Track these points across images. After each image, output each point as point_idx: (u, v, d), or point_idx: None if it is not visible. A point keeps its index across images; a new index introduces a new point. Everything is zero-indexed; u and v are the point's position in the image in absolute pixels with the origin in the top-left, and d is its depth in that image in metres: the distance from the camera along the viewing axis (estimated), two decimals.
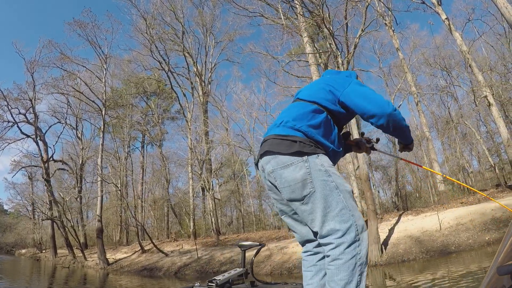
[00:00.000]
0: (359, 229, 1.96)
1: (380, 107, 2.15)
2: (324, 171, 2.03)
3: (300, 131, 2.12)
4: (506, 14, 16.34)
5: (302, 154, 2.05)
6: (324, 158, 2.10)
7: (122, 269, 23.92)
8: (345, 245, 1.92)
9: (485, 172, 29.72)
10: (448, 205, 18.20)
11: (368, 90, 2.24)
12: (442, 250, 13.09)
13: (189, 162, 27.12)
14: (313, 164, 2.03)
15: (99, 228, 26.81)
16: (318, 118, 2.19)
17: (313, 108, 2.23)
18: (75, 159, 36.00)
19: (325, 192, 2.00)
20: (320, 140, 2.14)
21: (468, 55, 19.54)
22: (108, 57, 29.76)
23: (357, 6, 23.21)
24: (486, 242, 12.74)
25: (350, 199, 2.04)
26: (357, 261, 1.92)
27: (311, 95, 2.32)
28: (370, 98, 2.18)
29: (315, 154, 2.07)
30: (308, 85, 2.55)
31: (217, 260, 19.38)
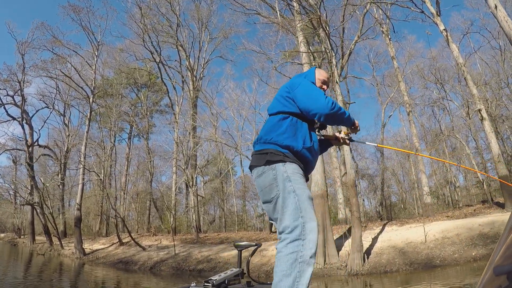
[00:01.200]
0: (305, 230, 2.17)
1: (320, 107, 2.46)
2: (286, 177, 2.33)
3: (271, 143, 2.46)
4: (505, 28, 15.87)
5: (271, 163, 2.40)
6: (290, 166, 2.39)
7: (97, 260, 23.04)
8: (288, 241, 2.16)
9: (471, 188, 29.23)
10: (433, 217, 17.55)
11: (311, 91, 2.54)
12: (427, 263, 12.38)
13: (174, 156, 26.19)
14: (279, 171, 2.35)
15: (78, 217, 25.79)
16: (284, 125, 2.52)
17: (278, 118, 2.56)
18: (60, 146, 34.82)
19: (284, 195, 2.29)
20: (289, 144, 2.44)
21: (464, 68, 19.03)
22: (101, 44, 28.81)
23: (355, 13, 22.81)
24: (472, 257, 12.08)
25: (305, 202, 2.27)
26: (297, 257, 2.10)
27: (274, 107, 2.68)
28: (312, 99, 2.50)
29: (282, 162, 2.38)
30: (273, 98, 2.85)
31: (194, 258, 18.59)
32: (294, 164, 2.41)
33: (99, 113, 34.06)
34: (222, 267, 16.44)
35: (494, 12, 15.85)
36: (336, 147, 4.00)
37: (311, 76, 2.85)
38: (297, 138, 2.48)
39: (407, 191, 33.30)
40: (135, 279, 16.90)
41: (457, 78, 27.23)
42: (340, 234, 16.37)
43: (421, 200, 23.97)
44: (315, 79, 2.86)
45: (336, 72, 16.10)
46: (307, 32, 21.72)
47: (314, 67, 3.18)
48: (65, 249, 27.17)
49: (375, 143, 3.42)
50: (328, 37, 16.61)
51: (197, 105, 29.25)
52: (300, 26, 17.85)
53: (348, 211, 22.25)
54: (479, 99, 17.95)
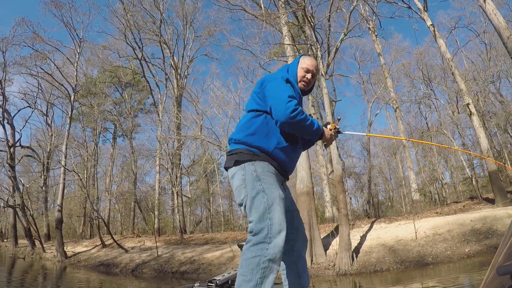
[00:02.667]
0: (271, 233, 2.00)
1: (277, 113, 2.23)
2: (255, 176, 2.18)
3: (241, 143, 2.32)
4: (494, 21, 15.30)
5: (240, 163, 2.26)
6: (260, 164, 2.24)
7: (79, 263, 22.00)
8: (251, 243, 2.01)
9: (458, 185, 28.69)
10: (422, 214, 16.76)
11: (274, 92, 2.31)
12: (418, 261, 11.54)
13: (157, 155, 25.11)
14: (247, 170, 2.21)
15: (59, 219, 24.57)
16: (255, 123, 2.34)
17: (250, 116, 2.39)
18: (43, 147, 33.37)
19: (252, 194, 2.13)
20: (259, 145, 2.28)
21: (452, 62, 18.41)
22: (83, 41, 27.56)
23: (342, 10, 22.13)
24: (466, 254, 11.29)
25: (275, 203, 2.10)
26: (260, 262, 1.94)
27: (248, 105, 2.49)
28: (274, 101, 2.28)
29: (251, 161, 2.24)
30: None
31: (177, 259, 17.63)
32: (265, 162, 2.26)
33: (82, 113, 32.81)
34: (206, 269, 15.63)
35: (483, 5, 15.27)
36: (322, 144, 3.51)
37: (293, 67, 2.64)
38: (269, 138, 2.30)
39: (394, 189, 32.73)
40: (113, 284, 15.92)
41: (443, 77, 26.79)
42: (327, 233, 15.50)
43: (409, 197, 23.33)
44: (297, 70, 2.63)
45: (321, 65, 15.29)
46: (292, 29, 21.09)
47: (299, 55, 2.75)
48: (46, 252, 25.94)
49: (364, 133, 2.98)
50: (313, 29, 15.84)
51: (181, 104, 28.15)
52: (284, 19, 17.04)
53: (335, 209, 21.47)
54: (467, 94, 17.29)
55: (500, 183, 16.21)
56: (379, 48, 22.87)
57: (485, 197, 18.11)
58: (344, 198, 13.59)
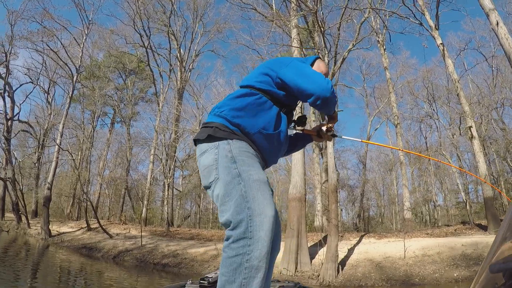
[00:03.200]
0: (253, 225, 1.66)
1: (320, 88, 1.96)
2: (230, 157, 1.83)
3: (221, 117, 1.96)
4: (506, 46, 14.84)
5: (213, 139, 1.90)
6: (237, 144, 1.89)
7: (62, 243, 21.68)
8: (232, 240, 1.68)
9: (451, 209, 28.31)
10: (412, 234, 16.32)
11: (307, 70, 2.05)
12: (405, 280, 11.12)
13: (153, 144, 24.66)
14: (222, 150, 1.86)
15: (47, 196, 24.12)
16: (245, 101, 2.00)
17: (243, 92, 2.05)
18: (41, 124, 32.90)
19: (226, 179, 1.78)
20: (240, 123, 1.93)
21: (458, 84, 18.02)
22: (92, 23, 27.03)
23: (352, 22, 21.82)
24: (454, 278, 10.89)
25: (253, 189, 1.75)
26: (243, 261, 1.64)
27: (246, 79, 2.16)
28: (309, 77, 2.00)
29: (226, 139, 1.88)
30: None
31: (161, 251, 17.20)
32: (243, 142, 1.92)
33: (83, 95, 32.31)
34: (188, 264, 15.24)
35: (495, 29, 14.84)
36: (319, 154, 3.10)
37: (309, 62, 2.34)
38: (256, 119, 1.98)
39: (386, 205, 32.33)
40: (93, 267, 15.59)
41: (447, 98, 26.45)
42: (315, 242, 15.08)
43: (400, 215, 22.94)
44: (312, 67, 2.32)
45: (329, 72, 14.89)
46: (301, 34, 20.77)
47: (317, 55, 2.47)
48: (31, 228, 25.53)
49: (359, 139, 2.89)
50: (323, 35, 15.44)
51: (182, 97, 27.73)
52: (294, 22, 16.66)
53: (325, 219, 21.04)
54: (470, 117, 16.91)
55: (494, 210, 15.82)
56: (386, 62, 22.52)
57: (478, 223, 17.69)
58: (336, 209, 13.19)
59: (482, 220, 18.26)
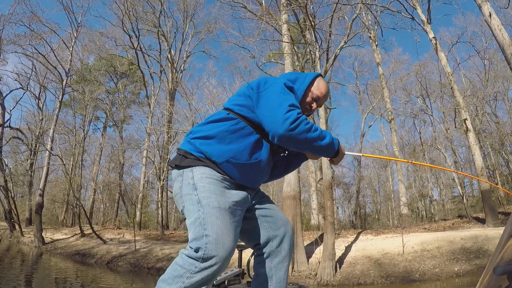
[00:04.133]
0: (207, 253, 1.57)
1: (273, 123, 1.71)
2: (192, 184, 1.74)
3: (191, 143, 1.85)
4: (499, 37, 14.59)
5: (179, 167, 1.84)
6: (200, 171, 1.77)
7: (55, 250, 21.16)
8: (187, 252, 1.62)
9: (447, 203, 27.99)
10: (410, 229, 15.92)
11: (273, 99, 1.77)
12: (405, 276, 10.70)
13: (145, 146, 24.13)
14: (185, 178, 1.78)
15: (39, 203, 23.50)
16: (217, 127, 1.83)
17: (218, 117, 1.88)
18: (32, 130, 32.20)
19: (189, 207, 1.71)
20: (207, 151, 1.79)
21: (451, 77, 17.71)
22: (81, 26, 26.41)
23: (344, 19, 21.52)
24: (455, 273, 10.48)
25: (213, 216, 1.65)
26: (184, 276, 1.57)
27: (229, 101, 1.98)
28: (269, 110, 1.75)
29: (190, 167, 1.79)
30: None
31: (155, 255, 16.72)
32: (206, 168, 1.77)
33: (74, 99, 31.68)
34: None
35: (488, 20, 14.59)
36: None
37: (303, 83, 2.03)
38: (227, 147, 1.78)
39: (382, 202, 31.98)
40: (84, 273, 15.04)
41: (439, 93, 26.18)
42: (311, 241, 14.64)
43: (397, 211, 22.58)
44: (306, 90, 2.04)
45: (318, 66, 14.50)
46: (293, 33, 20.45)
47: (317, 73, 2.16)
48: (25, 236, 24.94)
49: (360, 153, 2.80)
50: (313, 29, 15.04)
51: (174, 98, 27.14)
52: (284, 16, 16.24)
53: (321, 217, 20.64)
54: (465, 109, 16.57)
55: (492, 203, 15.46)
56: (378, 58, 22.18)
57: (475, 216, 17.33)
58: (332, 205, 12.77)
59: (479, 213, 17.94)
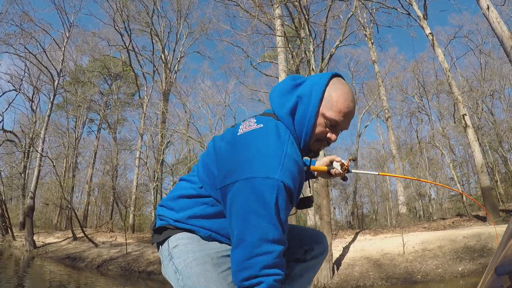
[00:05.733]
0: None
1: (232, 262, 1.21)
2: (167, 255, 1.42)
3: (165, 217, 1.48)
4: (497, 30, 13.87)
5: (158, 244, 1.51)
6: (176, 237, 1.42)
7: (46, 254, 20.52)
8: None
9: (445, 202, 27.33)
10: (409, 228, 15.17)
11: (243, 220, 1.18)
12: (406, 278, 9.96)
13: (137, 147, 23.34)
14: (164, 251, 1.45)
15: (30, 206, 22.72)
16: (195, 206, 1.41)
17: (182, 194, 1.44)
18: (26, 132, 31.30)
19: (172, 282, 1.40)
20: (180, 216, 1.43)
21: (449, 73, 17.02)
22: (73, 25, 25.60)
23: (339, 17, 20.91)
24: (459, 273, 9.75)
25: (192, 277, 1.32)
26: None
27: (198, 167, 1.48)
28: (234, 239, 1.21)
29: (166, 238, 1.44)
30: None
31: (146, 258, 16.03)
32: (182, 233, 1.42)
33: (66, 100, 30.84)
34: None
35: (486, 13, 13.92)
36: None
37: (308, 107, 1.33)
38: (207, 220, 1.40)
39: (379, 202, 31.28)
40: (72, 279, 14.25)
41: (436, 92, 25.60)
42: None
43: (395, 211, 21.87)
44: (315, 119, 1.33)
45: (312, 60, 13.80)
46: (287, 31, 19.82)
47: (327, 75, 1.40)
48: (16, 240, 24.08)
49: (376, 172, 2.36)
50: (307, 22, 14.35)
51: (168, 99, 26.36)
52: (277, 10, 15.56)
53: (318, 218, 19.85)
54: (463, 105, 15.90)
55: (493, 200, 14.79)
56: (374, 55, 21.52)
57: (475, 214, 16.61)
58: (328, 205, 12.02)
59: (479, 212, 17.24)
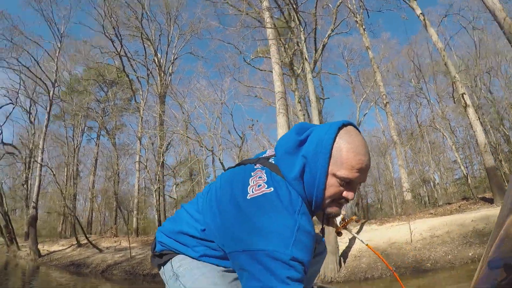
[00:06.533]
0: None
1: None
2: (172, 275, 1.33)
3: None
4: (489, 3, 13.34)
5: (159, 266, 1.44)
6: (178, 258, 1.34)
7: (51, 262, 20.34)
8: None
9: (449, 187, 26.84)
10: (415, 215, 14.71)
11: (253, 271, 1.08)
12: (415, 266, 9.53)
13: (137, 151, 22.98)
14: (167, 272, 1.36)
15: (33, 216, 22.52)
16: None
17: (192, 234, 1.33)
18: (25, 144, 31.08)
19: None
20: (183, 250, 1.36)
21: (444, 52, 16.58)
22: (64, 36, 25.24)
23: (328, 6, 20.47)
24: (469, 258, 9.33)
25: None
26: None
27: (204, 206, 1.35)
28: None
29: (169, 260, 1.37)
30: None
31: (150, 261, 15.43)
32: (181, 255, 1.36)
33: (64, 110, 30.52)
34: None
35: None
36: None
37: (319, 167, 1.17)
38: None
39: (384, 191, 30.82)
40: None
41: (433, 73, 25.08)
42: None
43: (400, 198, 21.43)
44: (325, 176, 1.17)
45: (305, 49, 13.34)
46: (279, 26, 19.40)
47: (334, 127, 1.16)
48: (21, 250, 23.93)
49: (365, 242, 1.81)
50: (296, 12, 13.93)
51: (165, 102, 25.96)
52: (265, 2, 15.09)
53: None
54: (461, 83, 15.42)
55: (499, 181, 14.30)
56: (367, 42, 20.99)
57: (482, 196, 16.15)
58: None
59: (486, 194, 16.79)
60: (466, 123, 20.19)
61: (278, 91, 11.61)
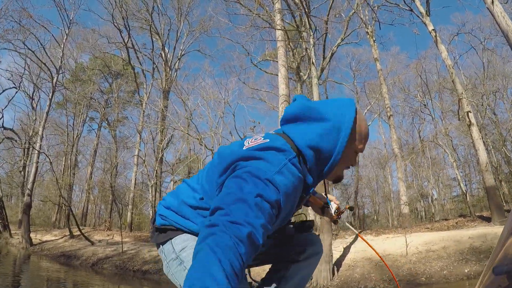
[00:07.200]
0: None
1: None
2: (175, 258, 1.38)
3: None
4: (502, 24, 13.24)
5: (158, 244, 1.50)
6: (181, 238, 1.38)
7: (41, 252, 20.04)
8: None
9: (446, 203, 26.70)
10: (411, 229, 14.57)
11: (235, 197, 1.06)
12: (409, 280, 9.37)
13: (136, 145, 22.82)
14: (167, 252, 1.41)
15: (27, 203, 22.24)
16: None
17: (191, 203, 1.37)
18: (25, 130, 30.86)
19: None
20: (183, 223, 1.39)
21: (452, 69, 16.50)
22: (73, 22, 25.05)
23: (340, 16, 20.45)
24: (465, 275, 9.16)
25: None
26: None
27: (203, 176, 1.38)
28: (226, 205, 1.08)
29: (168, 240, 1.41)
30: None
31: (142, 257, 15.49)
32: (185, 235, 1.40)
33: (66, 98, 30.40)
34: None
35: (491, 7, 13.33)
36: None
37: (340, 140, 1.26)
38: None
39: (381, 203, 30.67)
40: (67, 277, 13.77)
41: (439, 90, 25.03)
42: None
43: (397, 211, 21.26)
44: (345, 149, 1.29)
45: (313, 54, 13.23)
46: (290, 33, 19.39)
47: (353, 109, 1.31)
48: (13, 238, 23.58)
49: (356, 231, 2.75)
50: (307, 16, 13.80)
51: (169, 98, 25.81)
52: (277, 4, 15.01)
53: (318, 217, 19.25)
54: (468, 101, 15.32)
55: (498, 200, 14.19)
56: (376, 53, 20.89)
57: (479, 215, 16.01)
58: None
59: (483, 212, 16.65)
60: (468, 141, 20.08)
61: (282, 94, 11.51)
